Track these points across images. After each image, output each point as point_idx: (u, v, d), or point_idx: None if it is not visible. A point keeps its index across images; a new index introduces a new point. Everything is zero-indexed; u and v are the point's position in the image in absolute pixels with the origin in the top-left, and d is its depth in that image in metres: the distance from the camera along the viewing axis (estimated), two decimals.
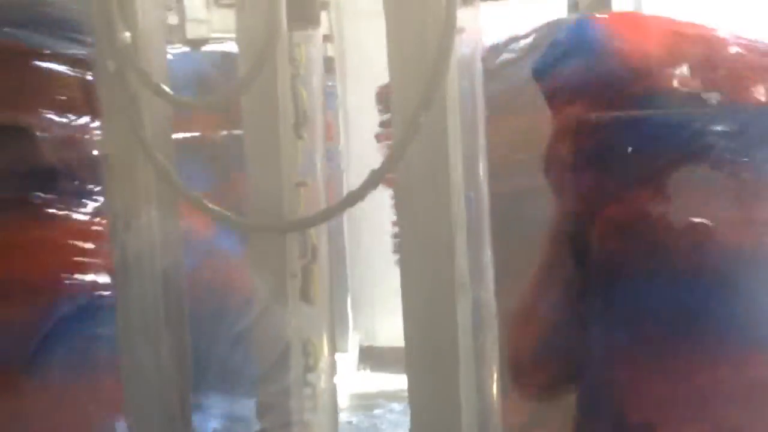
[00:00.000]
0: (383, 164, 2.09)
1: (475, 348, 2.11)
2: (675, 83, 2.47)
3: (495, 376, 2.19)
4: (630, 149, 2.44)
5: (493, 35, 3.03)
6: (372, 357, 5.45)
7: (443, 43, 1.93)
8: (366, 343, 5.39)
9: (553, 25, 2.86)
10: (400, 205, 2.08)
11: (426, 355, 2.10)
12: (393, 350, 5.34)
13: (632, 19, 2.83)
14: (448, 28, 1.93)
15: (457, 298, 2.04)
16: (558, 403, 2.73)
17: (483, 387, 2.15)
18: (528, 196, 2.83)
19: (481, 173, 2.12)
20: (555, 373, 2.69)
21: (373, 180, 2.08)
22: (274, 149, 2.35)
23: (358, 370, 5.40)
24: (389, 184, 2.36)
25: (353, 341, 5.57)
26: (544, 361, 2.69)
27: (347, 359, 5.36)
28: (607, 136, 2.46)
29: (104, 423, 2.83)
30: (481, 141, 2.15)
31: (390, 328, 5.30)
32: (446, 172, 2.03)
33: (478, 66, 2.18)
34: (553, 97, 2.53)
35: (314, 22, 2.50)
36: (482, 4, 2.15)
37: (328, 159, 2.58)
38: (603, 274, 2.53)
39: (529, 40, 3.03)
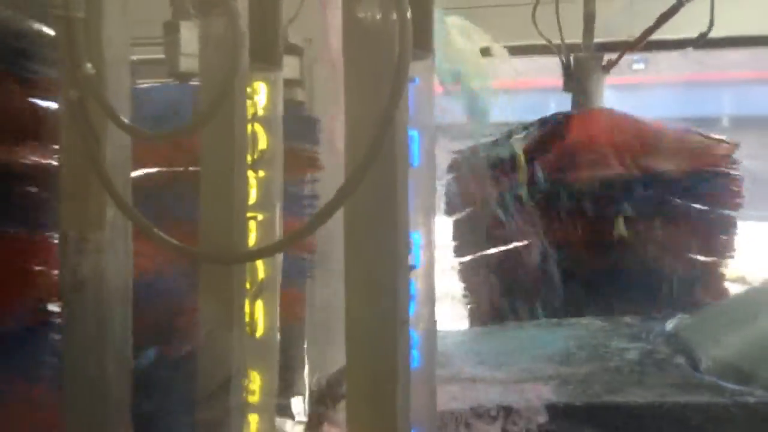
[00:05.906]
0: (331, 202, 2.12)
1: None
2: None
3: (434, 413, 2.22)
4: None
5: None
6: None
7: (394, 90, 1.97)
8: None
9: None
10: (347, 242, 2.11)
11: (367, 391, 2.11)
12: None
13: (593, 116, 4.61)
14: (400, 77, 1.97)
15: (399, 335, 2.06)
16: None
17: None
18: None
19: (431, 214, 2.16)
20: None
21: (322, 217, 2.12)
22: (226, 182, 2.38)
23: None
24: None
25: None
26: None
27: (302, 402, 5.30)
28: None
29: None
30: (432, 183, 2.20)
31: None
32: (393, 212, 2.07)
33: (430, 113, 2.24)
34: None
35: (276, 65, 2.56)
36: None
37: None
38: None
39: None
